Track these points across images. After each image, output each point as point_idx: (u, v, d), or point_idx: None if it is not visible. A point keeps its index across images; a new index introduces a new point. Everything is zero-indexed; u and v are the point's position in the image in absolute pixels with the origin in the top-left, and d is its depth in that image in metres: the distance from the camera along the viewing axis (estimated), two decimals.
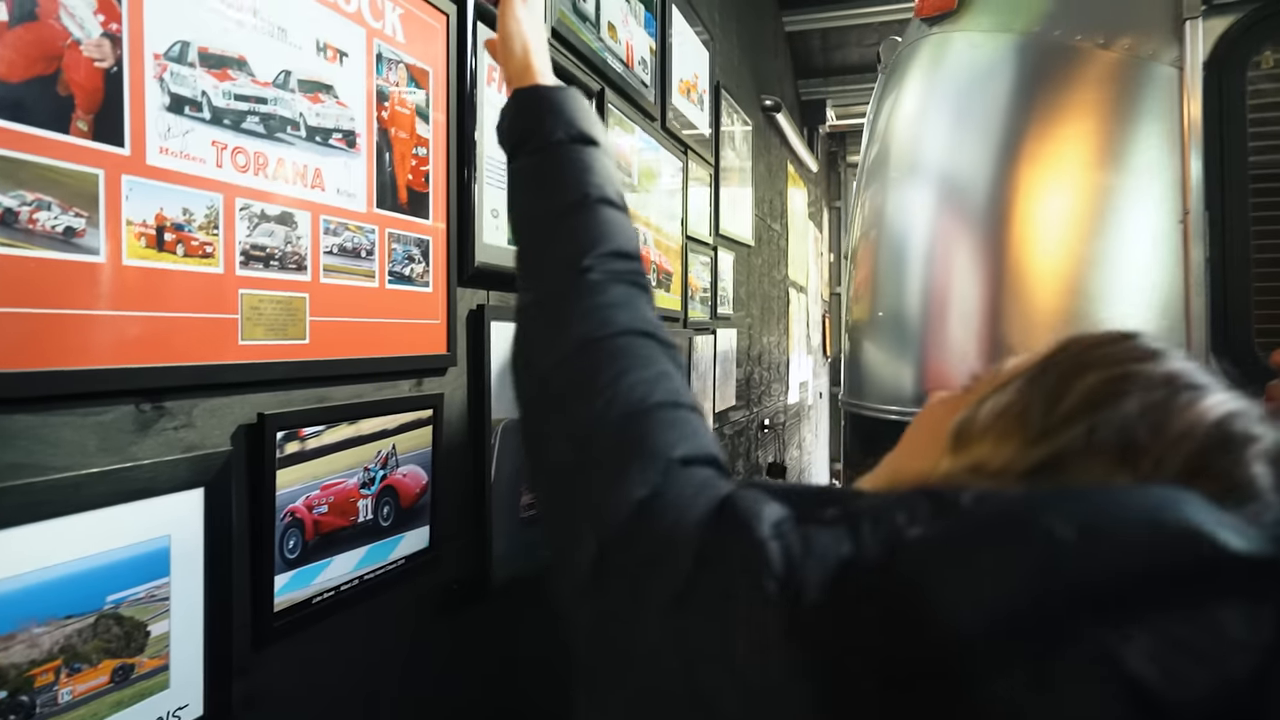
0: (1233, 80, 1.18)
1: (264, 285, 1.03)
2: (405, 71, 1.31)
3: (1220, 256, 1.17)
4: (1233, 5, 1.18)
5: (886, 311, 1.42)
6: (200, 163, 0.93)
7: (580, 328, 0.61)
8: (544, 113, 0.78)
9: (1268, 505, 0.46)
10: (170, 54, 0.90)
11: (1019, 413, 0.52)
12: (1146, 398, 0.48)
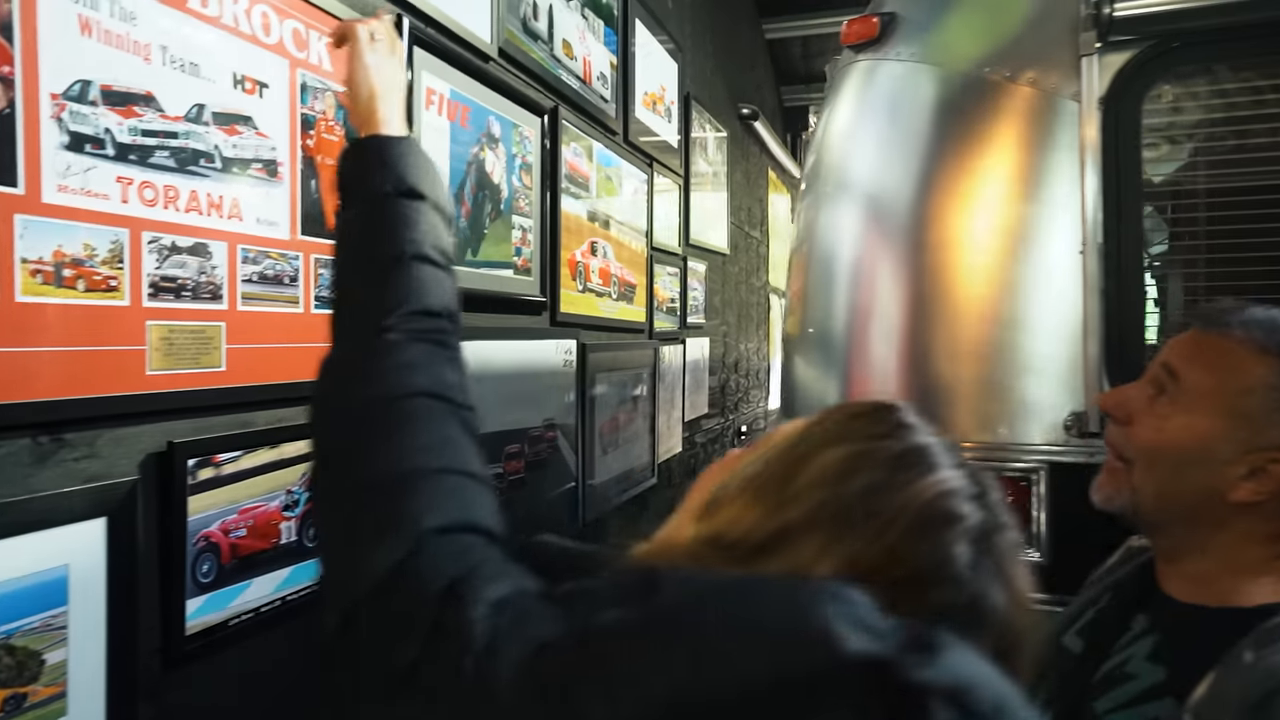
0: (1128, 115, 1.21)
1: (175, 316, 1.05)
2: (333, 100, 1.33)
3: (1115, 287, 1.20)
4: (1129, 42, 1.20)
5: (816, 328, 1.44)
6: (103, 199, 0.95)
7: (367, 389, 0.62)
8: (374, 165, 0.76)
9: (960, 586, 0.47)
10: (69, 94, 0.92)
11: (762, 483, 0.53)
12: (871, 476, 0.50)
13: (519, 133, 1.98)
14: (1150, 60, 1.21)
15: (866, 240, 1.37)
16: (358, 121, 0.83)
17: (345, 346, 0.68)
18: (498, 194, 1.89)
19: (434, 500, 0.54)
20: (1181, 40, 1.23)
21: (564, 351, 2.23)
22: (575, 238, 2.32)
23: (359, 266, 0.72)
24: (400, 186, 0.74)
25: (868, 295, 1.35)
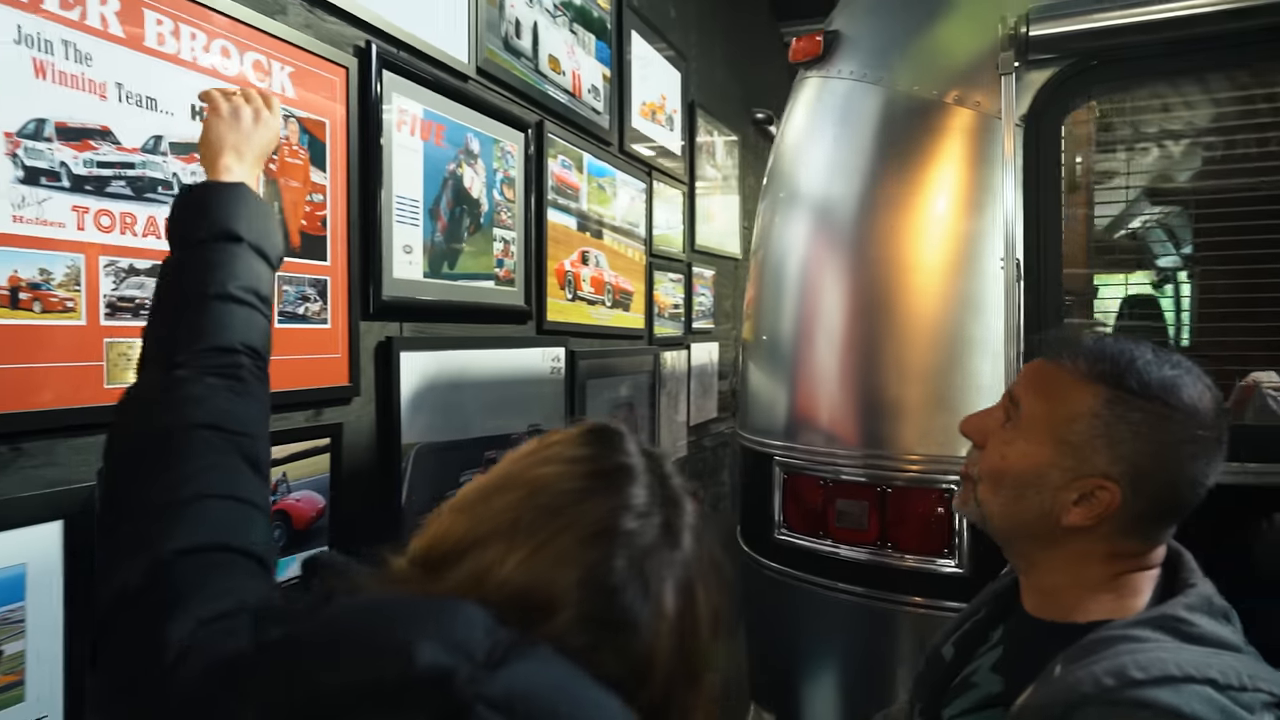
0: (1048, 131, 1.21)
1: (133, 333, 1.13)
2: (297, 125, 1.41)
3: (1035, 300, 1.21)
4: (1048, 61, 1.21)
5: (768, 335, 1.47)
6: (59, 227, 1.04)
7: (150, 421, 0.68)
8: (194, 212, 0.82)
9: (612, 597, 0.52)
10: (24, 131, 1.00)
11: (472, 499, 0.59)
12: (562, 490, 0.55)
13: (500, 148, 2.04)
14: (1069, 79, 1.22)
15: (812, 250, 1.40)
16: (207, 174, 0.90)
17: (140, 380, 0.74)
18: (477, 208, 1.95)
19: (186, 525, 0.60)
20: (1099, 59, 1.24)
21: (551, 359, 2.29)
22: (564, 248, 2.38)
23: (162, 306, 0.78)
24: (215, 230, 0.79)
25: (813, 305, 1.38)
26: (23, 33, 1.00)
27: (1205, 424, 0.82)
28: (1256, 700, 0.72)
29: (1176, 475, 0.82)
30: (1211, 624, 0.79)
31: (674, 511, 0.59)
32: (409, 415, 1.69)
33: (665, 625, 0.54)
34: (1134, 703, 0.71)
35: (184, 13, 1.20)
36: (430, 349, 1.77)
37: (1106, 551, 0.86)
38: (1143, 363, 0.83)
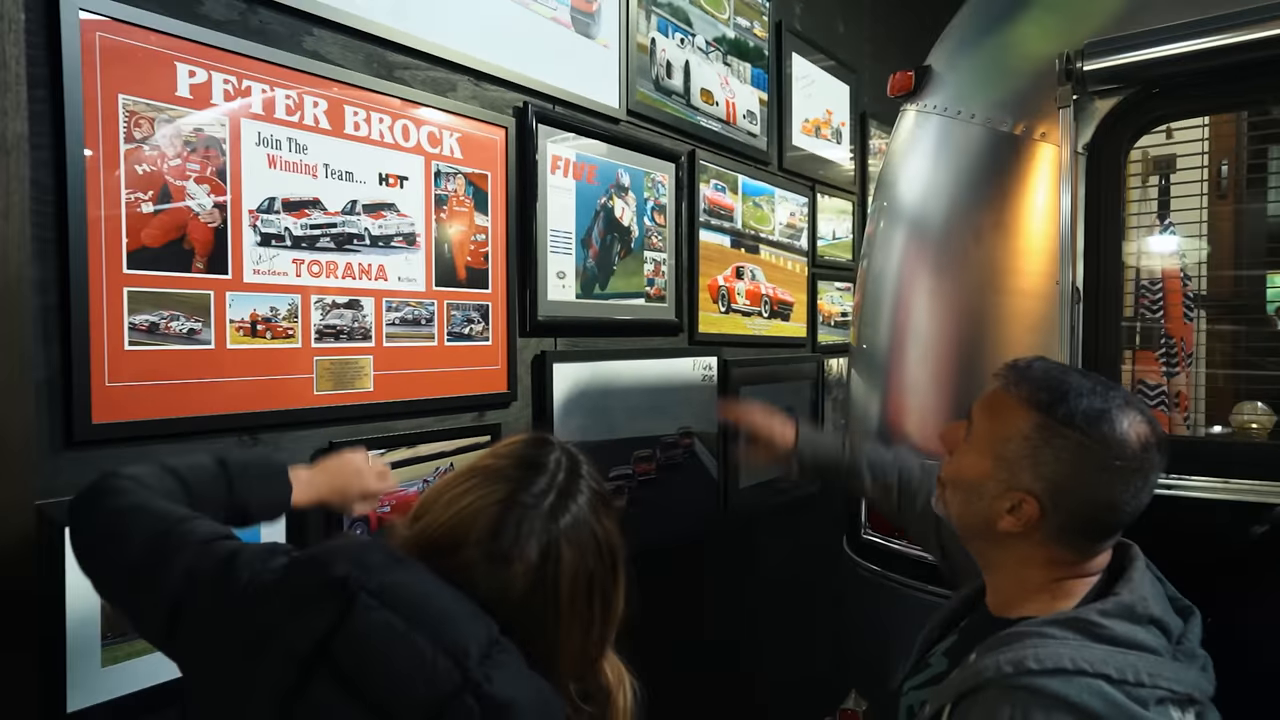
0: (1110, 161, 1.21)
1: (334, 352, 1.49)
2: (463, 179, 1.73)
3: (1093, 325, 1.21)
4: (1111, 91, 1.20)
5: (868, 343, 1.58)
6: (283, 275, 1.41)
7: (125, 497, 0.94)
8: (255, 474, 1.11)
9: (500, 544, 0.75)
10: (260, 208, 1.38)
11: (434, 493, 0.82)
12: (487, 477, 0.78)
13: (650, 179, 2.29)
14: (1130, 109, 1.21)
15: (905, 267, 1.49)
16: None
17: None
18: (627, 235, 2.21)
19: (201, 528, 0.88)
20: (1160, 87, 1.23)
21: (703, 367, 2.50)
22: (716, 265, 2.58)
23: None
24: (239, 495, 1.06)
25: (904, 317, 1.47)
26: (260, 137, 1.38)
27: (1124, 456, 0.89)
28: (1152, 696, 0.79)
29: (1091, 498, 0.89)
30: (1126, 628, 0.85)
31: (565, 497, 0.81)
32: (561, 418, 1.98)
33: (523, 568, 0.77)
34: (1026, 689, 0.81)
35: (374, 104, 1.55)
36: (581, 361, 2.04)
37: (1044, 557, 0.94)
38: (1074, 395, 0.90)
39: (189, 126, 1.28)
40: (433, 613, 0.71)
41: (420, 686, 0.68)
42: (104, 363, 1.19)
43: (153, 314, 1.24)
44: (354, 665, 0.69)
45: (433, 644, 0.69)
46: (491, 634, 0.72)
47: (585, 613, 0.82)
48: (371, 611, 0.70)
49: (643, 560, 0.92)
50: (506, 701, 0.69)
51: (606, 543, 0.85)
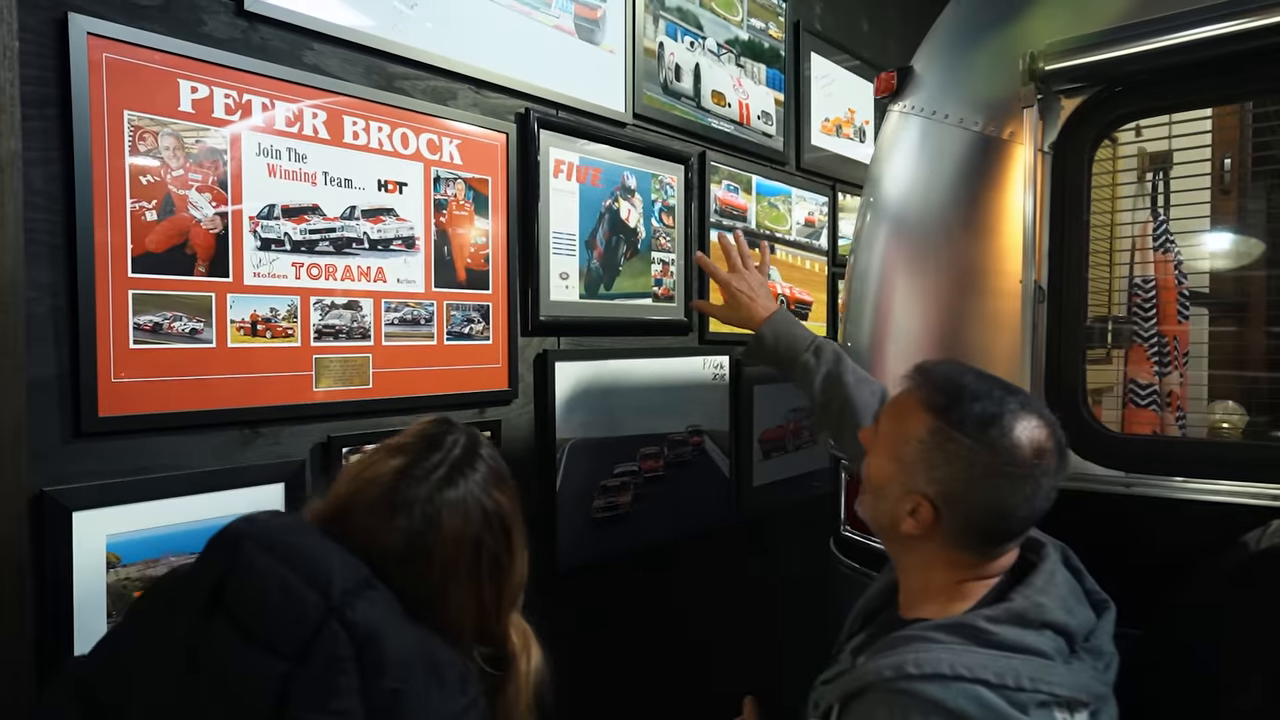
0: (1074, 159, 1.19)
1: (333, 351, 1.56)
2: (463, 184, 1.79)
3: (1056, 324, 1.20)
4: (1076, 90, 1.19)
5: (852, 341, 1.59)
6: (283, 278, 1.49)
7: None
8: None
9: (389, 505, 0.84)
10: (261, 214, 1.46)
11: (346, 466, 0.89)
12: (391, 452, 0.83)
13: (659, 180, 2.32)
14: (1094, 108, 1.20)
15: (885, 265, 1.50)
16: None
17: None
18: (634, 236, 2.25)
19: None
20: (1123, 86, 1.21)
21: (715, 366, 2.53)
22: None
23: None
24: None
25: (883, 319, 1.48)
26: (260, 147, 1.46)
27: (1014, 462, 0.89)
28: (1033, 700, 0.80)
29: (981, 503, 0.90)
30: (1015, 633, 0.86)
31: (456, 472, 0.87)
32: (564, 415, 2.03)
33: (404, 527, 0.86)
34: (905, 693, 0.82)
35: (373, 114, 1.62)
36: (585, 360, 2.09)
37: (946, 560, 0.94)
38: (970, 398, 0.91)
39: (191, 139, 1.37)
40: (306, 555, 0.80)
41: (293, 617, 0.76)
42: (110, 360, 1.28)
43: (156, 315, 1.33)
44: (240, 604, 0.78)
45: (304, 580, 0.78)
46: (361, 576, 0.80)
47: (472, 577, 0.89)
48: (254, 555, 0.79)
49: (650, 556, 0.96)
50: (370, 628, 0.77)
51: (498, 514, 0.92)
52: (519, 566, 0.96)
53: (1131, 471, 1.18)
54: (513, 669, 0.95)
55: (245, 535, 0.82)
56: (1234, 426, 1.43)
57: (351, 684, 0.76)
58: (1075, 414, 1.22)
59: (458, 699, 0.84)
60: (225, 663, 0.77)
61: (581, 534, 2.07)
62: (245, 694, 0.75)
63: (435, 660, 0.83)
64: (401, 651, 0.79)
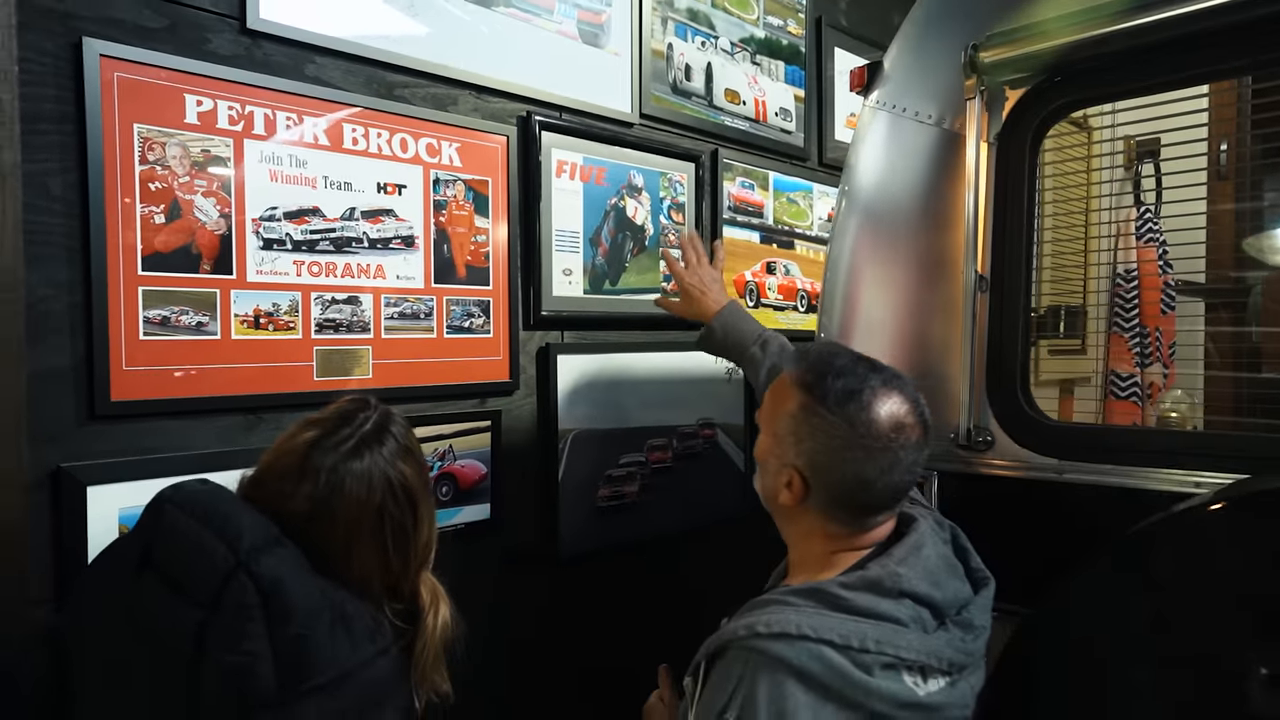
0: (1016, 150, 1.18)
1: (334, 343, 1.67)
2: (463, 185, 1.89)
3: (999, 314, 1.19)
4: (1018, 81, 1.18)
5: (825, 332, 1.61)
6: (284, 275, 1.60)
7: None
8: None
9: (303, 471, 0.92)
10: (263, 216, 1.58)
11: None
12: (310, 427, 0.91)
13: (667, 179, 2.37)
14: (1035, 98, 1.19)
15: (854, 256, 1.52)
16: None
17: None
18: (641, 233, 2.31)
19: None
20: (1062, 75, 1.21)
21: (726, 362, 2.56)
22: (744, 260, 2.63)
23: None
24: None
25: (849, 310, 1.51)
26: (263, 155, 1.58)
27: (870, 435, 0.93)
28: (877, 661, 0.83)
29: (843, 474, 0.94)
30: (868, 599, 0.88)
31: (363, 445, 0.95)
32: (566, 407, 2.10)
33: (308, 492, 0.95)
34: (754, 650, 0.87)
35: (373, 121, 1.73)
36: (589, 353, 2.16)
37: (821, 531, 0.98)
38: (834, 375, 0.94)
39: (196, 149, 1.49)
40: (219, 515, 0.90)
41: (206, 568, 0.87)
42: (121, 350, 1.41)
43: (164, 309, 1.46)
44: (164, 559, 0.89)
45: (216, 535, 0.88)
46: (269, 534, 0.89)
47: (376, 539, 0.98)
48: (175, 517, 0.90)
49: (658, 545, 1.02)
50: (275, 578, 0.86)
51: (402, 484, 1.00)
52: (425, 531, 1.05)
53: (1064, 459, 1.18)
54: (422, 623, 1.04)
55: (168, 500, 0.93)
56: (1182, 415, 1.39)
57: (259, 629, 0.85)
58: (1014, 402, 1.22)
59: (366, 647, 0.92)
60: (153, 614, 0.87)
61: (585, 522, 2.14)
62: (170, 639, 0.85)
63: (343, 611, 0.91)
64: (306, 602, 0.88)
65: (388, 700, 0.97)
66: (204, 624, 0.85)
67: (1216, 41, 1.08)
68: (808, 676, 0.85)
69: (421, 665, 1.03)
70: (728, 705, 0.87)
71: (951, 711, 0.90)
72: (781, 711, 0.84)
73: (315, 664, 0.88)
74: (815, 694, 0.85)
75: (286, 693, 0.86)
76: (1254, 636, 0.87)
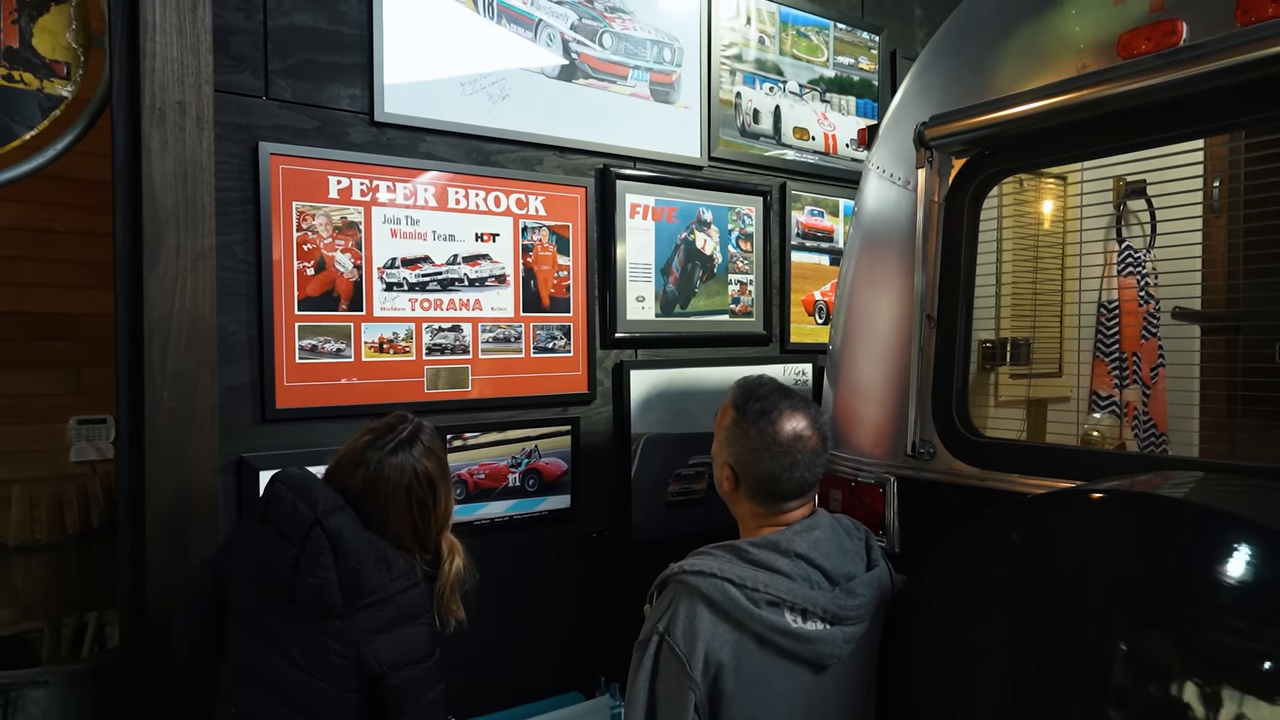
0: (955, 211, 1.39)
1: (440, 363, 2.11)
2: (547, 230, 2.28)
3: (942, 347, 1.40)
4: (960, 152, 1.40)
5: (831, 342, 1.86)
6: (402, 310, 2.06)
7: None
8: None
9: (359, 460, 1.32)
10: (386, 265, 2.03)
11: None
12: (374, 428, 1.30)
13: (736, 213, 2.68)
14: (972, 168, 1.39)
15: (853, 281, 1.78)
16: None
17: None
18: (710, 262, 2.62)
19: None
20: (990, 150, 1.41)
21: (796, 373, 2.83)
22: (813, 282, 2.89)
23: None
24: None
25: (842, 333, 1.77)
26: (386, 217, 2.04)
27: (775, 445, 1.25)
28: (763, 598, 1.12)
29: (757, 470, 1.24)
30: (766, 555, 1.17)
31: (400, 447, 1.33)
32: (638, 414, 2.45)
33: (361, 475, 1.35)
34: (680, 582, 1.17)
35: (472, 183, 2.16)
36: (659, 368, 2.50)
37: (751, 511, 1.27)
38: (755, 400, 1.24)
39: (337, 216, 1.97)
40: (306, 488, 1.31)
41: (296, 522, 1.29)
42: (283, 370, 1.90)
43: (313, 339, 1.94)
44: (274, 516, 1.31)
45: (303, 502, 1.29)
46: (336, 502, 1.31)
47: (405, 509, 1.37)
48: (281, 489, 1.32)
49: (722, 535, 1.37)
50: (338, 531, 1.27)
51: (425, 474, 1.40)
52: (442, 505, 1.47)
53: (985, 469, 1.39)
54: (442, 568, 1.44)
55: (278, 479, 1.36)
56: (1102, 435, 1.54)
57: (329, 562, 1.27)
58: (950, 421, 1.45)
59: (401, 580, 1.34)
60: (270, 548, 1.30)
61: (655, 513, 2.49)
62: (279, 563, 1.29)
63: (384, 555, 1.33)
64: (358, 547, 1.29)
65: (418, 617, 1.38)
66: (297, 557, 1.28)
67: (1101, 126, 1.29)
68: (712, 603, 1.17)
69: (442, 596, 1.44)
70: (660, 618, 1.20)
71: (824, 646, 1.19)
72: (692, 625, 1.17)
73: (366, 587, 1.30)
74: (717, 615, 1.17)
75: (349, 605, 1.30)
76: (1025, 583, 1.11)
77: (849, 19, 2.99)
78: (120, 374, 1.66)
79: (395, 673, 1.31)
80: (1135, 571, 1.00)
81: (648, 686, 1.19)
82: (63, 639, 2.15)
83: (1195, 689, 0.95)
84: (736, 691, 1.16)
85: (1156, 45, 1.20)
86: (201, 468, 1.70)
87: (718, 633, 1.17)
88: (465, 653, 2.10)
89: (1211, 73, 1.13)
